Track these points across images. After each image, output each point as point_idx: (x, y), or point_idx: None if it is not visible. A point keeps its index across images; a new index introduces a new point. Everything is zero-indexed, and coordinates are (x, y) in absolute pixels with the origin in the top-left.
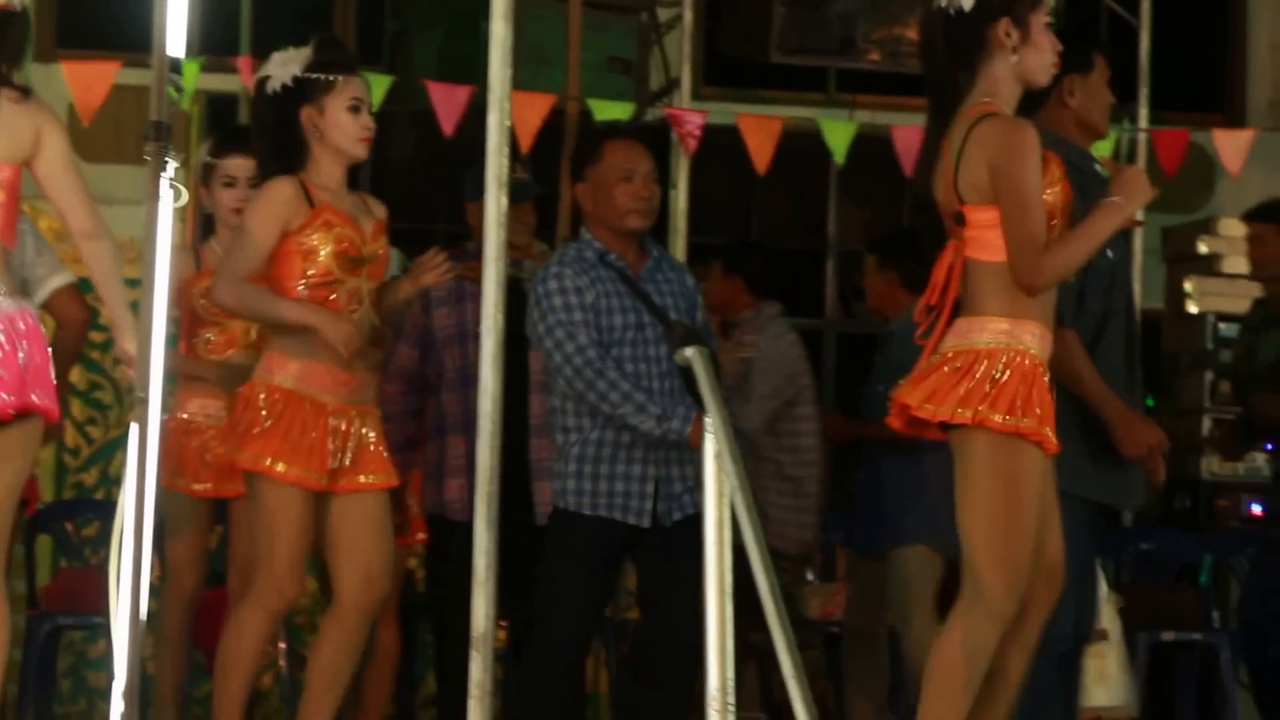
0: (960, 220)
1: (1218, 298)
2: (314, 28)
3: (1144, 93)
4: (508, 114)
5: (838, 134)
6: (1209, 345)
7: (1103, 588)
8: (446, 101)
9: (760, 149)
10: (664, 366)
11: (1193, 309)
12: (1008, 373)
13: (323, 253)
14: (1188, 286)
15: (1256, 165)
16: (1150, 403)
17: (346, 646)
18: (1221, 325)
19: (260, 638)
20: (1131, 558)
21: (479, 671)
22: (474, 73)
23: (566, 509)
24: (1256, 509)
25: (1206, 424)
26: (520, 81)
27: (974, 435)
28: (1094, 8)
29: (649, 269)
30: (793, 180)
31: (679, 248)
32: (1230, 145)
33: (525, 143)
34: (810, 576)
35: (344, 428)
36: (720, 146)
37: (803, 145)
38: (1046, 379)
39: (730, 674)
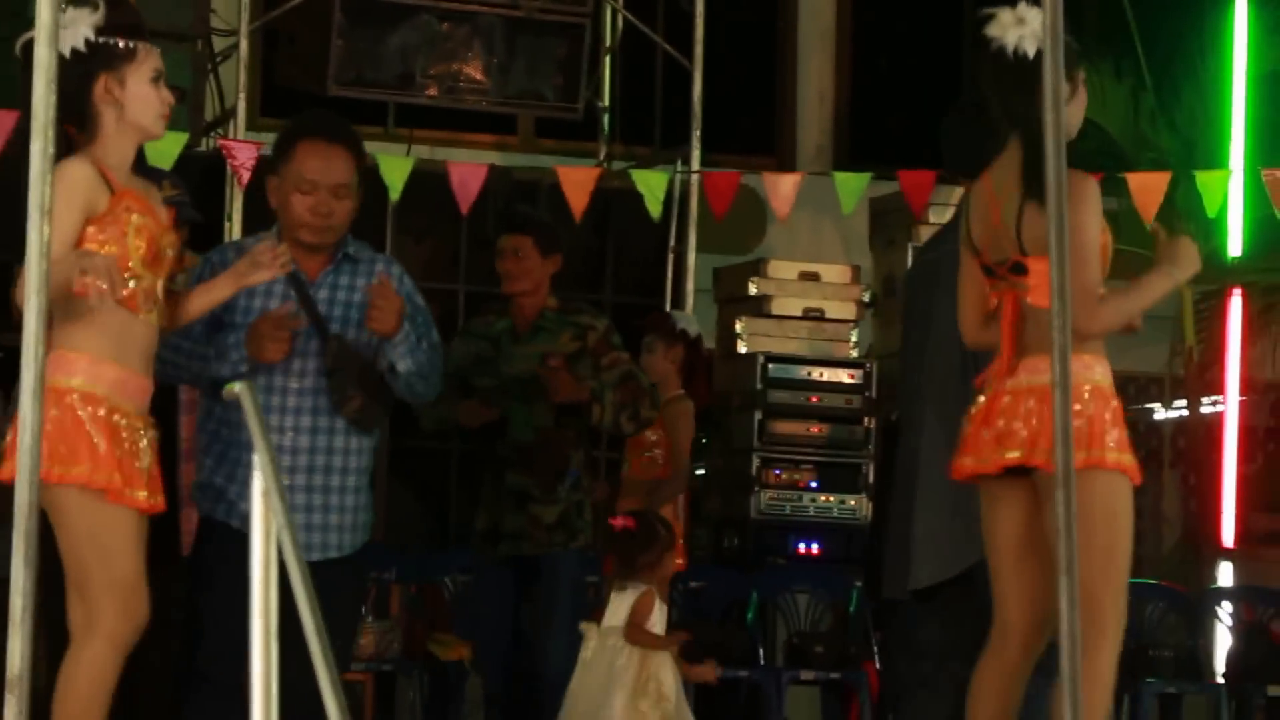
0: (1020, 270)
1: (767, 339)
2: None
3: (696, 135)
4: (52, 142)
5: (394, 169)
6: (759, 385)
7: None
8: None
9: None
10: (311, 381)
11: (743, 349)
12: (1093, 407)
13: (125, 244)
14: (738, 327)
15: (804, 208)
16: (705, 441)
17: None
18: (771, 366)
19: (105, 672)
20: (681, 595)
21: (14, 717)
22: (16, 97)
23: (209, 518)
24: (803, 547)
25: (756, 463)
26: None
27: (1086, 476)
28: (649, 50)
29: (327, 273)
30: None
31: None
32: (779, 188)
33: None
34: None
35: (141, 443)
36: None
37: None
38: (1116, 404)
39: (274, 717)
